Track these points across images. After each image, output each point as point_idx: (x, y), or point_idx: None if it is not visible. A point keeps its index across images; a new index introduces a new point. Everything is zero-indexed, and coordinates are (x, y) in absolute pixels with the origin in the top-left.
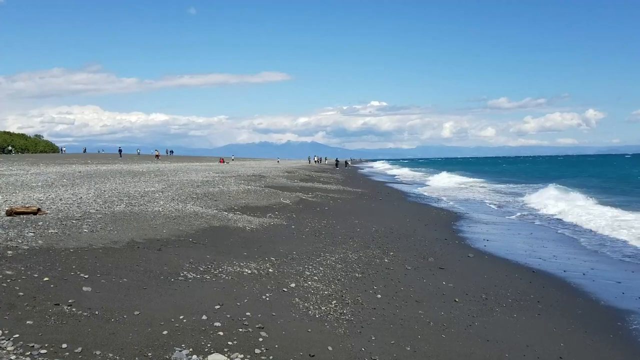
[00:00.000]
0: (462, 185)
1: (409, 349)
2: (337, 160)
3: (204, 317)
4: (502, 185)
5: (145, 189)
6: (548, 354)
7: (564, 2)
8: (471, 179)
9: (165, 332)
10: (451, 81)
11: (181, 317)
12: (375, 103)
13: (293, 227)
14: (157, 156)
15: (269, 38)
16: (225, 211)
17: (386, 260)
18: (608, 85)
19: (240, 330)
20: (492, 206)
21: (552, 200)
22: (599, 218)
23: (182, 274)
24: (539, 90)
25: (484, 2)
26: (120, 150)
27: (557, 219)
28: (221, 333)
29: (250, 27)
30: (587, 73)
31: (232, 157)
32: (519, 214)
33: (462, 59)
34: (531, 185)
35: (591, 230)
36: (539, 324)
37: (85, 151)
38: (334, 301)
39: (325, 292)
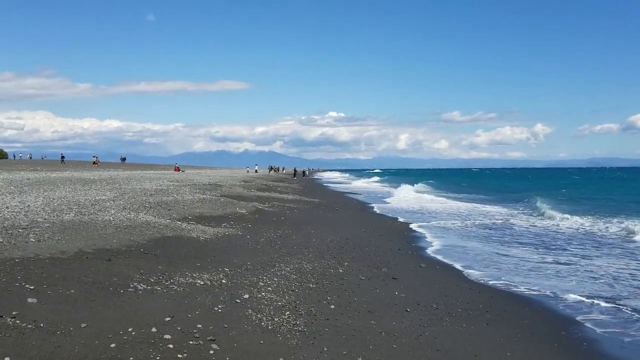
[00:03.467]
0: (419, 196)
1: (360, 359)
2: (295, 170)
3: (154, 329)
4: (458, 195)
5: (97, 198)
6: None
7: (512, 21)
8: (428, 190)
9: (113, 345)
10: (407, 94)
11: (130, 329)
12: (334, 114)
13: (248, 237)
14: (94, 162)
15: (228, 47)
16: (179, 221)
17: (341, 270)
18: (556, 101)
19: (191, 343)
20: (447, 216)
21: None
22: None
23: (132, 285)
24: (490, 105)
25: (438, 21)
26: (62, 157)
27: (511, 227)
28: (171, 346)
29: (210, 35)
30: (536, 89)
31: (176, 165)
32: (472, 223)
33: (418, 73)
34: (484, 196)
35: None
36: (487, 334)
37: (31, 157)
38: (288, 312)
39: (279, 303)
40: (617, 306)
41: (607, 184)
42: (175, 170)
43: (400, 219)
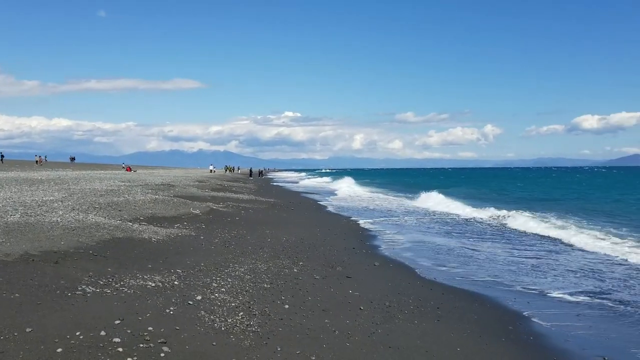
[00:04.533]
0: (373, 195)
1: (314, 358)
2: (251, 170)
3: (103, 332)
4: (410, 195)
5: (44, 198)
6: (445, 358)
7: (464, 23)
8: (381, 189)
9: (59, 350)
10: (362, 95)
11: (78, 333)
12: (290, 113)
13: (202, 238)
14: (37, 162)
15: (183, 45)
16: (130, 222)
17: (295, 270)
18: (505, 103)
19: (141, 345)
20: (400, 214)
21: (458, 208)
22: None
23: (80, 288)
24: (442, 106)
25: (391, 22)
26: (2, 156)
27: (455, 221)
28: (120, 349)
29: (164, 33)
30: (487, 90)
31: (123, 165)
32: (424, 220)
33: (374, 74)
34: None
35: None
36: (438, 330)
37: None
38: (241, 313)
39: (233, 304)
40: (561, 298)
41: (530, 182)
42: (127, 170)
43: (355, 218)
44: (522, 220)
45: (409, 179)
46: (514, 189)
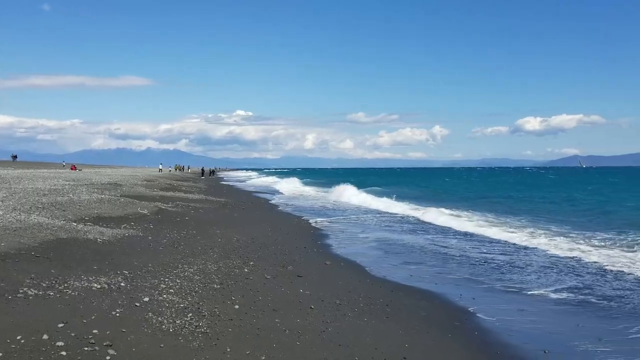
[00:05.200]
0: (319, 195)
1: (264, 358)
2: (202, 169)
3: (45, 336)
4: (374, 191)
5: None
6: (394, 354)
7: (413, 23)
8: (327, 189)
9: None
10: (314, 95)
11: (19, 337)
12: (241, 112)
13: (150, 238)
14: None
15: (132, 41)
16: (75, 222)
17: (246, 270)
18: (452, 104)
19: (86, 349)
20: (350, 212)
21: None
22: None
23: (21, 291)
24: (392, 107)
25: (343, 22)
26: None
27: (403, 219)
28: (64, 353)
29: (112, 28)
30: (435, 91)
31: (64, 163)
32: (373, 218)
33: (325, 74)
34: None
35: (437, 231)
36: (387, 327)
37: None
38: (190, 314)
39: (181, 305)
40: (507, 290)
41: (464, 181)
42: (72, 168)
43: (306, 217)
44: (444, 218)
45: (355, 177)
46: (447, 187)
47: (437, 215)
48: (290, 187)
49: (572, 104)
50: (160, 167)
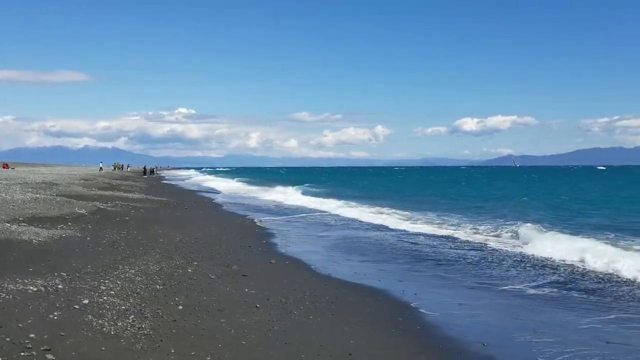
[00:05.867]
0: (270, 194)
1: (209, 358)
2: (145, 168)
3: None
4: (314, 191)
5: None
6: (339, 351)
7: (355, 23)
8: (280, 189)
9: None
10: (258, 93)
11: None
12: (183, 110)
13: (88, 239)
14: None
15: (68, 35)
16: (8, 222)
17: (190, 270)
18: (394, 104)
19: (23, 354)
20: (292, 212)
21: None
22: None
23: None
24: (336, 107)
25: (284, 20)
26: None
27: (344, 218)
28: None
29: (47, 20)
30: (378, 91)
31: None
32: (317, 217)
33: (269, 72)
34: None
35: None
36: (332, 324)
37: None
38: (132, 316)
39: (123, 307)
40: (447, 285)
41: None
42: (4, 167)
43: (250, 216)
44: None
45: (298, 176)
46: (393, 187)
47: (376, 213)
48: (233, 186)
49: (506, 105)
50: (101, 165)
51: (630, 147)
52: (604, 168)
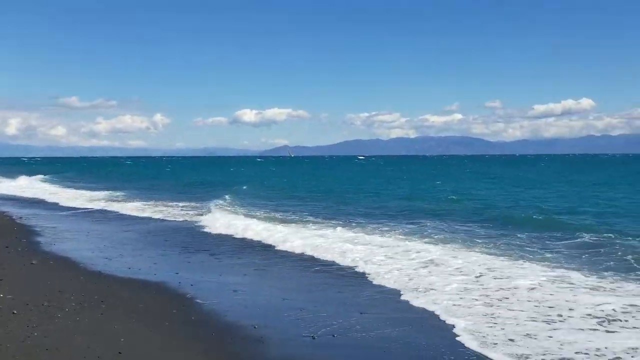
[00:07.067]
0: (32, 188)
1: None
2: None
3: None
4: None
5: None
6: (109, 351)
7: (133, 14)
8: (48, 181)
9: None
10: (17, 73)
11: None
12: None
13: None
14: None
15: None
16: None
17: None
18: (173, 93)
19: None
20: (62, 205)
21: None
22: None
23: None
24: (110, 92)
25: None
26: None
27: (109, 211)
28: None
29: None
30: (155, 79)
31: None
32: (91, 209)
33: (33, 51)
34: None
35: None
36: (102, 324)
37: None
38: None
39: None
40: (221, 273)
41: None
42: None
43: (8, 212)
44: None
45: (51, 167)
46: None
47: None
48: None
49: (282, 98)
50: None
51: (385, 139)
52: (363, 158)
